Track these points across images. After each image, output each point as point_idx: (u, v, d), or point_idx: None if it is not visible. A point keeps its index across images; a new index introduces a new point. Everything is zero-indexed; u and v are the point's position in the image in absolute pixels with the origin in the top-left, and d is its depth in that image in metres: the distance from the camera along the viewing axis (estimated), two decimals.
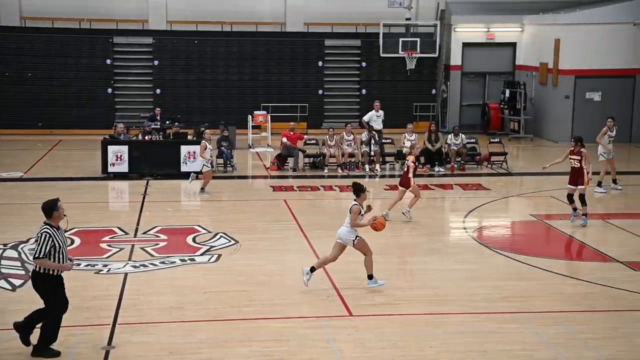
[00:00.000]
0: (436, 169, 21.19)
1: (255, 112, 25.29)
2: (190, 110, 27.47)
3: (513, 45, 29.22)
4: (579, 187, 15.07)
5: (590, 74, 25.74)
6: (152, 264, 12.58)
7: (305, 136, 22.83)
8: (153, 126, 22.34)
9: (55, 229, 8.88)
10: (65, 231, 9.43)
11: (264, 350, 9.25)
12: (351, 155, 21.31)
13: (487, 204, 17.35)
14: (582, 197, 15.05)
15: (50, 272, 8.87)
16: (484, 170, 21.52)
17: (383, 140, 22.26)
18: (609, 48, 25.51)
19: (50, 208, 8.92)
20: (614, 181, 18.76)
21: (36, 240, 8.87)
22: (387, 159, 22.04)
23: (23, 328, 9.03)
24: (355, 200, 11.35)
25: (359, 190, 11.40)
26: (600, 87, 25.94)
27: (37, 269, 8.89)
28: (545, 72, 27.08)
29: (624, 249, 13.64)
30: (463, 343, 9.48)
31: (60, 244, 8.89)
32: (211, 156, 18.32)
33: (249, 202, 17.54)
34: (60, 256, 8.88)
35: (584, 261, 13.36)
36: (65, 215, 9.09)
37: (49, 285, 8.90)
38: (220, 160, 20.88)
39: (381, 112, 22.70)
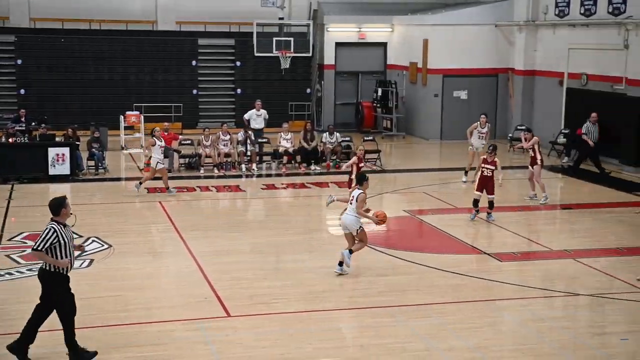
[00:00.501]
0: (312, 167, 21.41)
1: (128, 113, 24.69)
2: (58, 111, 26.45)
3: (384, 45, 29.92)
4: (489, 196, 15.38)
5: (457, 73, 26.71)
6: (18, 271, 12.06)
7: (180, 136, 22.52)
8: (17, 128, 21.41)
9: (62, 226, 8.76)
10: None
11: (141, 355, 9.07)
12: (227, 155, 21.19)
13: None
14: (491, 204, 15.51)
15: (60, 270, 8.71)
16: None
17: (259, 140, 22.28)
18: (474, 48, 26.56)
19: (58, 205, 8.78)
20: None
21: (40, 235, 8.65)
22: (264, 158, 22.08)
23: (17, 349, 8.75)
24: (359, 188, 12.33)
25: (362, 179, 12.56)
26: (467, 85, 26.95)
27: (46, 267, 8.72)
28: (414, 71, 27.89)
29: (489, 241, 14.26)
30: (340, 338, 9.65)
31: (67, 240, 8.77)
32: (162, 152, 18.09)
33: (122, 205, 17.10)
34: (67, 252, 8.76)
35: (454, 254, 13.81)
36: (72, 213, 9.00)
37: (58, 282, 8.75)
38: (92, 162, 20.30)
39: (262, 112, 22.75)
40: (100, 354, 9.03)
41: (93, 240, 13.79)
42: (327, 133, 22.16)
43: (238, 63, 29.12)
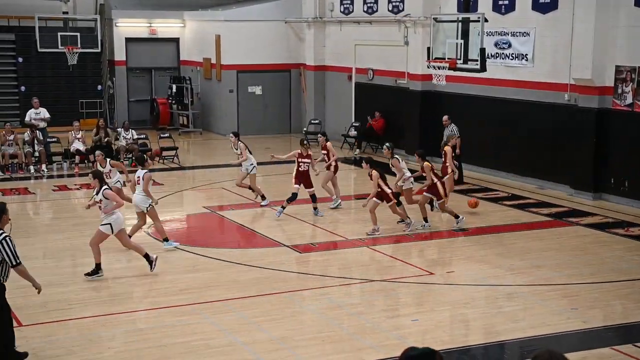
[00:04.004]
0: None
1: None
2: None
3: (176, 40, 29.60)
4: (308, 190, 15.36)
5: (250, 69, 27.01)
6: None
7: None
8: None
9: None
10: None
11: None
12: (13, 156, 20.02)
13: (161, 199, 17.36)
14: (313, 197, 15.51)
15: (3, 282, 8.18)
16: (156, 165, 21.53)
17: (48, 139, 21.25)
18: (266, 44, 26.98)
19: (0, 212, 8.25)
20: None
21: (4, 249, 8.12)
22: (55, 158, 21.09)
23: None
24: (142, 169, 13.20)
25: (142, 160, 13.57)
26: (261, 81, 27.33)
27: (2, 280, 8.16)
28: (209, 67, 27.84)
29: (288, 233, 14.56)
30: (142, 340, 9.46)
31: None
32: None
33: None
34: None
35: (255, 248, 14.00)
36: (9, 219, 8.49)
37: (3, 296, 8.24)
38: None
39: (42, 110, 21.64)
40: None
41: None
42: (123, 129, 21.60)
43: (20, 59, 27.54)
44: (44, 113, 21.64)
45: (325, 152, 16.51)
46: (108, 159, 15.19)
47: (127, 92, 28.94)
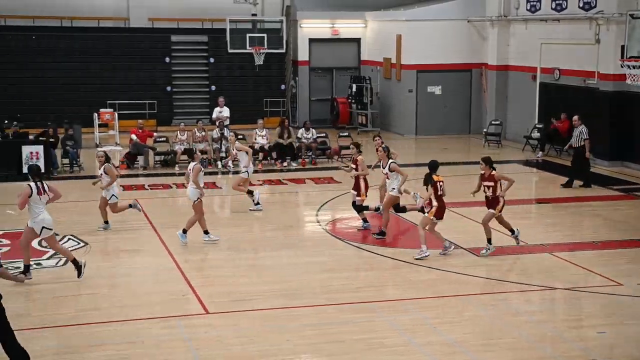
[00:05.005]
0: (285, 163, 21.34)
1: (101, 110, 24.52)
2: (31, 109, 26.16)
3: (357, 40, 29.97)
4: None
5: (430, 69, 26.79)
6: None
7: (155, 134, 22.39)
8: None
9: None
10: None
11: (119, 353, 9.01)
12: (203, 152, 21.09)
13: (339, 197, 17.71)
14: (354, 204, 14.92)
15: None
16: (335, 163, 21.92)
17: None
18: (447, 43, 26.66)
19: None
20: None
21: None
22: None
23: None
24: (192, 162, 13.85)
25: (191, 153, 14.69)
26: (441, 81, 27.06)
27: None
28: (389, 67, 27.95)
29: (465, 236, 14.28)
30: (319, 334, 9.64)
31: None
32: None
33: (97, 203, 16.92)
34: None
35: (431, 249, 13.85)
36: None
37: None
38: (66, 160, 20.12)
39: (225, 109, 22.63)
40: (76, 353, 8.98)
41: (69, 239, 13.67)
42: (304, 129, 22.14)
43: (212, 59, 29.01)
44: (225, 112, 22.68)
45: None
46: (105, 164, 14.23)
47: (309, 92, 29.68)
